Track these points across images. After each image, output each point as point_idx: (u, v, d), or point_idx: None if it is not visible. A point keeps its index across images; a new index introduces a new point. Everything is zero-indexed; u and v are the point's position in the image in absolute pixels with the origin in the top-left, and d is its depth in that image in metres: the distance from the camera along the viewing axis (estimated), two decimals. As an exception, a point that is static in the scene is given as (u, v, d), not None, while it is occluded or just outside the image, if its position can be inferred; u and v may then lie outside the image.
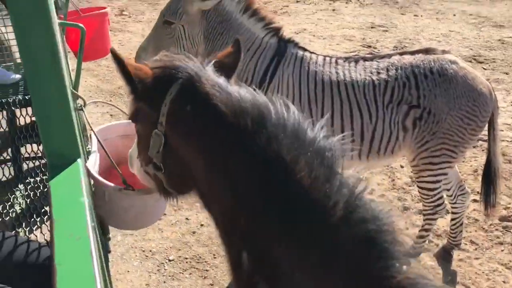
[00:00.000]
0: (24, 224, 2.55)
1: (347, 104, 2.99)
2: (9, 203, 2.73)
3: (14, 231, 2.42)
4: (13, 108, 3.37)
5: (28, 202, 2.79)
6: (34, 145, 3.64)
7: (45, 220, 2.62)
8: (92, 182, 1.87)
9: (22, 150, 3.49)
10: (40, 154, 3.54)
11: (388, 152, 3.06)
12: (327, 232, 1.23)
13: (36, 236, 2.41)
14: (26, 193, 2.87)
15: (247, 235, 1.34)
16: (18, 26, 1.00)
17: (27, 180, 3.02)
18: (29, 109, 3.61)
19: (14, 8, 0.98)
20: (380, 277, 1.19)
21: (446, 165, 3.08)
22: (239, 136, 1.30)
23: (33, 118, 3.71)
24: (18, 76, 3.74)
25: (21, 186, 2.97)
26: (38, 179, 2.99)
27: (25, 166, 3.47)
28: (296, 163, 1.25)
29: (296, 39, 3.25)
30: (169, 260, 3.61)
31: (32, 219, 2.59)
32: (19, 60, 4.33)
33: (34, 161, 3.43)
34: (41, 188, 2.91)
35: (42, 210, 2.68)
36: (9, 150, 3.50)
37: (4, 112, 3.43)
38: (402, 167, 4.66)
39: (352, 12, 9.35)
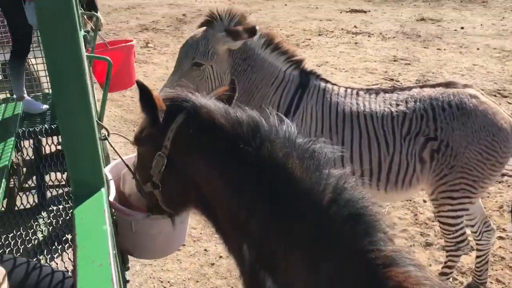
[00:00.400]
0: (45, 251, 2.58)
1: (365, 135, 3.00)
2: (32, 230, 2.77)
3: (35, 258, 2.45)
4: (39, 136, 3.46)
5: (50, 230, 2.82)
6: (58, 174, 3.71)
7: (66, 248, 2.65)
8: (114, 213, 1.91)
9: (46, 178, 3.55)
10: (63, 183, 3.61)
11: (406, 184, 3.03)
12: (318, 213, 1.38)
13: (57, 264, 2.43)
14: (49, 220, 2.92)
15: (246, 227, 1.49)
16: (50, 59, 1.05)
17: (50, 208, 3.06)
18: (55, 138, 3.71)
19: (46, 40, 1.03)
20: (367, 251, 1.32)
21: (466, 200, 3.03)
22: (236, 142, 1.48)
23: (58, 147, 3.80)
24: (45, 106, 3.84)
25: (44, 214, 3.02)
26: (61, 207, 3.03)
27: (48, 194, 3.52)
28: (288, 157, 1.44)
29: (318, 71, 3.28)
30: (187, 292, 3.58)
31: (54, 247, 2.62)
32: (46, 91, 4.46)
33: (57, 189, 3.49)
34: (63, 216, 2.95)
35: (64, 238, 2.71)
36: (34, 177, 3.58)
37: (31, 141, 3.52)
38: (425, 201, 4.59)
39: (374, 46, 9.40)
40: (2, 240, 2.57)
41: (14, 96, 4.00)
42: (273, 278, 1.45)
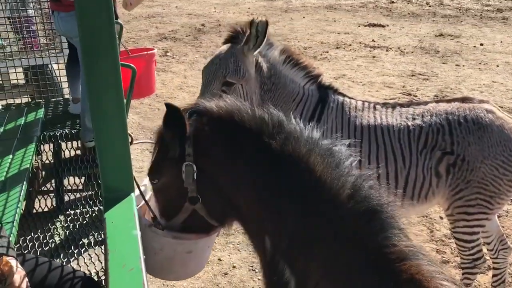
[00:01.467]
0: (62, 255, 2.60)
1: (382, 148, 3.00)
2: (49, 233, 2.80)
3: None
4: (59, 141, 3.51)
5: (67, 234, 2.85)
6: (76, 178, 3.75)
7: (82, 252, 2.67)
8: None
9: (65, 182, 3.59)
10: (81, 187, 3.65)
11: (422, 198, 3.02)
12: (336, 208, 1.45)
13: (73, 268, 2.45)
14: (66, 224, 2.94)
15: (268, 220, 1.55)
16: (87, 67, 1.08)
17: (67, 212, 3.10)
18: (74, 143, 3.76)
19: (86, 47, 1.06)
20: (382, 245, 1.38)
21: (483, 216, 3.00)
22: (260, 138, 1.54)
23: (78, 152, 3.85)
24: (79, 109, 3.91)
25: (61, 217, 3.05)
26: (78, 211, 3.07)
27: (66, 198, 3.56)
28: (310, 154, 1.51)
29: (335, 85, 3.28)
30: (200, 301, 3.58)
31: (70, 251, 2.64)
32: (67, 96, 4.53)
33: (75, 193, 3.52)
34: (80, 220, 2.98)
35: (80, 242, 2.74)
36: (53, 181, 3.62)
37: (51, 145, 3.57)
38: (441, 218, 4.54)
39: (392, 60, 9.38)
40: (20, 242, 2.60)
41: (70, 98, 4.12)
42: (291, 269, 1.51)
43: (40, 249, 2.61)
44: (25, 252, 2.45)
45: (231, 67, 2.91)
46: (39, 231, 2.79)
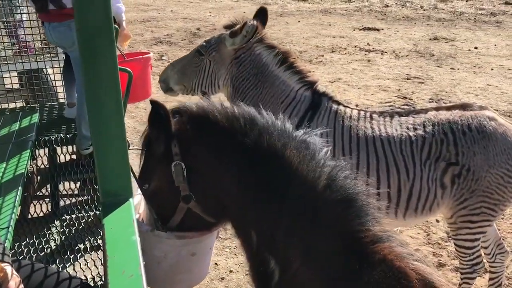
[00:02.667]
0: (58, 260, 2.58)
1: (383, 160, 2.92)
2: (45, 239, 2.78)
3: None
4: (54, 145, 3.49)
5: (63, 239, 2.83)
6: (72, 183, 3.73)
7: (78, 258, 2.65)
8: None
9: (60, 187, 3.57)
10: (76, 192, 3.62)
11: (426, 210, 2.96)
12: (313, 197, 1.52)
13: (69, 274, 2.43)
14: (62, 229, 2.92)
15: (252, 214, 1.60)
16: (86, 70, 1.07)
17: (63, 217, 3.07)
18: (70, 147, 3.73)
19: (86, 56, 1.05)
20: (357, 230, 1.49)
21: (486, 223, 2.98)
22: (234, 136, 1.59)
23: (73, 156, 3.83)
24: (75, 113, 3.88)
25: (57, 223, 3.03)
26: (74, 216, 3.04)
27: (61, 203, 3.54)
28: (285, 147, 1.56)
29: (331, 92, 3.23)
30: (196, 306, 3.55)
31: (66, 256, 2.62)
32: (62, 100, 4.51)
33: (71, 198, 3.50)
34: (76, 225, 2.95)
35: (76, 248, 2.72)
36: (48, 186, 3.59)
37: (46, 149, 3.55)
38: (437, 221, 4.54)
39: (387, 63, 9.40)
40: (15, 248, 2.58)
41: (66, 102, 4.09)
42: (276, 259, 1.58)
43: (35, 254, 2.59)
44: (20, 258, 2.43)
45: (210, 41, 3.25)
46: (34, 236, 2.77)
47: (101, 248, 1.88)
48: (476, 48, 10.32)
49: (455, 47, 10.44)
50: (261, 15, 3.25)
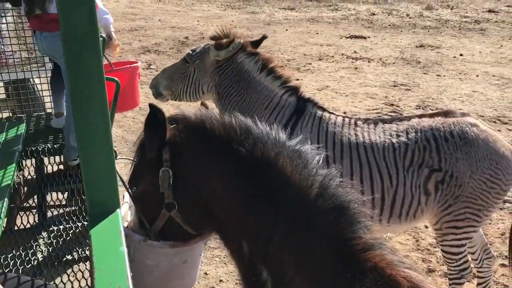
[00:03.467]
0: (45, 272, 2.55)
1: (366, 167, 2.95)
2: (32, 250, 2.74)
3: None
4: (42, 156, 3.46)
5: (50, 251, 2.79)
6: (59, 193, 3.69)
7: (66, 269, 2.62)
8: None
9: (47, 197, 3.53)
10: (64, 203, 3.59)
11: (410, 217, 2.99)
12: (305, 206, 1.53)
13: (57, 286, 2.40)
14: (49, 241, 2.89)
15: (244, 223, 1.61)
16: (72, 79, 1.06)
17: (50, 228, 3.04)
18: (57, 158, 3.70)
19: (71, 65, 1.05)
20: (349, 238, 1.50)
21: (471, 229, 3.01)
22: (230, 145, 1.60)
23: (60, 167, 3.79)
24: (62, 123, 3.85)
25: (44, 234, 2.99)
26: (61, 227, 3.01)
27: (49, 214, 3.50)
28: (278, 156, 1.58)
29: (316, 99, 3.28)
30: (186, 316, 3.52)
31: (53, 268, 2.59)
32: (49, 110, 4.47)
33: (58, 209, 3.46)
34: (64, 236, 2.92)
35: (64, 259, 2.68)
36: (35, 197, 3.55)
37: (33, 160, 3.51)
38: (426, 227, 4.56)
39: (374, 71, 9.48)
40: (1, 261, 2.54)
41: (53, 112, 4.06)
42: (268, 270, 1.58)
43: (22, 267, 2.55)
44: (6, 270, 2.39)
45: (196, 50, 3.39)
46: (21, 248, 2.73)
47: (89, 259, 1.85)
48: (461, 55, 10.45)
49: (441, 54, 10.57)
50: (259, 41, 3.40)
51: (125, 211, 1.93)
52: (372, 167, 2.95)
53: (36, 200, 3.49)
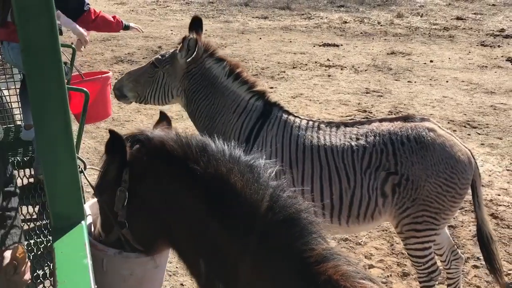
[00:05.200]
0: None
1: (326, 169, 3.03)
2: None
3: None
4: (11, 169, 3.38)
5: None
6: (30, 207, 3.61)
7: (36, 285, 2.56)
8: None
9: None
10: (35, 216, 3.52)
11: (368, 218, 3.05)
12: (257, 220, 1.53)
13: (27, 301, 2.34)
14: (19, 256, 2.82)
15: (200, 242, 1.62)
16: (32, 88, 1.05)
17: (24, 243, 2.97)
18: (27, 170, 3.63)
19: (31, 76, 1.03)
20: (302, 251, 1.49)
21: (431, 232, 3.07)
22: (186, 163, 1.62)
23: (30, 180, 3.72)
24: (32, 135, 3.78)
25: (14, 249, 2.92)
26: (32, 241, 2.95)
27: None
28: (230, 172, 1.59)
29: (282, 103, 3.37)
30: (163, 328, 3.48)
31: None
32: (19, 122, 4.39)
33: (28, 223, 3.40)
34: (35, 251, 2.86)
35: (35, 274, 2.63)
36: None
37: (2, 173, 3.43)
38: (400, 231, 4.62)
39: (347, 78, 9.60)
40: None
41: (23, 124, 3.99)
42: (226, 285, 1.59)
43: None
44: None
45: (165, 55, 3.42)
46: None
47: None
48: (431, 61, 10.67)
49: (412, 61, 10.77)
50: (196, 24, 3.40)
51: (90, 222, 1.94)
52: (331, 169, 3.02)
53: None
